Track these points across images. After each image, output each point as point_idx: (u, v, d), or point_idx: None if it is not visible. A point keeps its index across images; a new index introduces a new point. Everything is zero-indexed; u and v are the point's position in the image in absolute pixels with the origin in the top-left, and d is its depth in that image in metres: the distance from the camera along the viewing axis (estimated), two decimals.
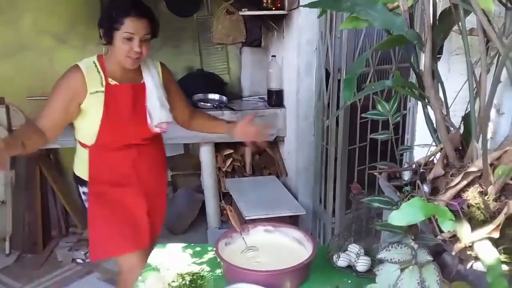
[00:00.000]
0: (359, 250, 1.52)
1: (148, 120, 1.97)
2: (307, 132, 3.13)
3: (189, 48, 3.82)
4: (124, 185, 2.02)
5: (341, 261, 1.50)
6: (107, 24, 1.83)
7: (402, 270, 0.95)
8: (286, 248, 1.58)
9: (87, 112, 1.90)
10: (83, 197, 2.08)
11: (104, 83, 1.90)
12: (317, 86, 2.98)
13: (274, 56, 3.32)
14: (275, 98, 3.35)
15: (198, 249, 1.66)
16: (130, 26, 1.80)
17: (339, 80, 2.74)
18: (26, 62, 3.62)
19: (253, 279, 1.36)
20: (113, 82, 1.91)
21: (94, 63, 1.92)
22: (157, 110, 1.98)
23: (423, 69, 1.05)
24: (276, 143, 3.58)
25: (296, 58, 3.00)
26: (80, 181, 2.06)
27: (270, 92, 3.36)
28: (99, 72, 1.91)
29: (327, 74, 2.83)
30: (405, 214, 0.80)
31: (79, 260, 3.35)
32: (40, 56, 3.63)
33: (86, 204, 2.06)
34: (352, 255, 1.51)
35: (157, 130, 2.02)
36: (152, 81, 1.99)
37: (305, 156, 3.18)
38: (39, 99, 3.60)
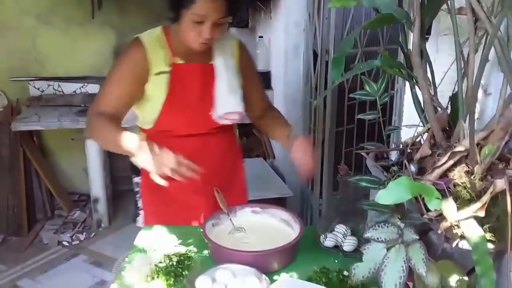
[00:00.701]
0: (346, 230, 1.52)
1: (212, 110, 1.68)
2: (294, 115, 3.12)
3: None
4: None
5: (328, 241, 1.50)
6: None
7: (388, 249, 0.96)
8: (274, 229, 1.58)
9: (149, 96, 1.64)
10: (135, 188, 1.90)
11: (169, 61, 1.63)
12: (305, 68, 2.97)
13: (262, 37, 3.29)
14: (262, 80, 3.31)
15: (185, 230, 1.65)
16: (203, 7, 1.47)
17: (327, 62, 2.73)
18: (8, 42, 3.55)
19: (240, 260, 1.36)
20: (180, 61, 1.64)
21: (159, 36, 1.64)
22: (224, 98, 1.67)
23: (411, 48, 1.04)
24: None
25: (283, 39, 2.98)
26: (135, 170, 1.84)
27: None
28: (163, 48, 1.63)
29: (315, 55, 2.82)
30: (392, 193, 0.80)
31: (65, 243, 3.34)
32: (22, 37, 3.56)
33: (137, 196, 1.86)
34: (339, 236, 1.51)
35: (224, 121, 1.70)
36: (223, 62, 1.69)
37: None
38: (22, 79, 3.56)
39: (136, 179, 1.81)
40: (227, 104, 1.67)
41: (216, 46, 1.67)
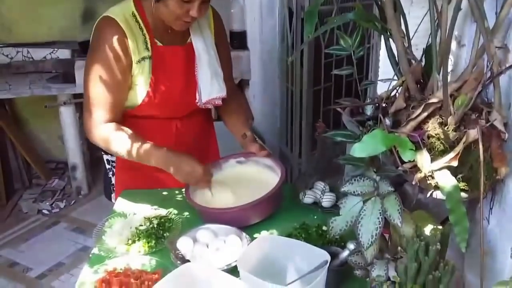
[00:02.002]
0: (324, 187, 1.54)
1: (196, 96, 1.60)
2: (271, 74, 3.09)
3: None
4: None
5: (307, 198, 1.53)
6: None
7: (364, 201, 0.97)
8: (259, 176, 1.58)
9: (131, 83, 1.52)
10: (107, 165, 1.78)
11: (149, 44, 1.50)
12: (281, 26, 2.92)
13: None
14: (238, 40, 3.26)
15: (165, 193, 1.65)
16: None
17: (302, 20, 2.69)
18: None
19: (225, 217, 1.40)
20: (159, 43, 1.52)
21: (134, 14, 1.48)
22: (208, 83, 1.59)
23: (385, 0, 1.03)
24: (241, 86, 3.54)
25: None
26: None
27: (232, 34, 3.27)
28: (141, 30, 1.49)
29: (291, 13, 2.77)
30: (366, 146, 0.80)
31: (44, 211, 3.33)
32: None
33: (110, 173, 1.78)
34: (318, 192, 1.53)
35: (208, 106, 1.65)
36: (202, 41, 1.58)
37: (271, 99, 3.16)
38: None
39: (107, 157, 1.76)
40: (212, 90, 1.60)
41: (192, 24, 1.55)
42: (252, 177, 1.59)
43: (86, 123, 1.53)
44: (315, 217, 1.49)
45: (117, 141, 1.49)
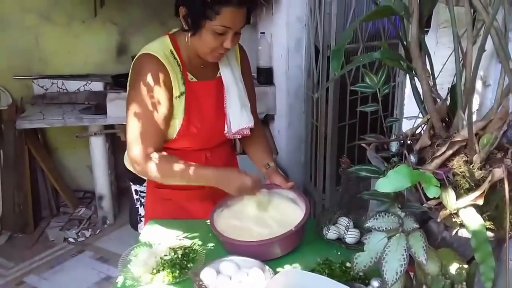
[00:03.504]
0: (348, 222, 1.54)
1: (226, 128, 1.65)
2: (297, 110, 3.13)
3: (176, 26, 3.78)
4: (190, 188, 1.69)
5: (331, 233, 1.52)
6: (197, 8, 1.42)
7: (389, 238, 0.97)
8: (283, 210, 1.58)
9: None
10: (135, 196, 1.84)
11: (184, 80, 1.55)
12: (307, 63, 2.98)
13: (263, 33, 3.30)
14: (265, 76, 3.34)
15: (189, 224, 1.67)
16: (228, 18, 1.41)
17: (328, 57, 2.74)
18: (10, 40, 3.56)
19: (249, 249, 1.40)
20: (192, 79, 1.57)
21: (171, 51, 1.54)
22: (237, 114, 1.64)
23: (410, 40, 1.06)
24: (266, 121, 3.59)
25: (285, 35, 2.99)
26: (135, 179, 1.78)
27: (259, 70, 3.35)
28: (179, 66, 1.54)
29: (317, 51, 2.83)
30: (391, 181, 0.81)
31: (70, 239, 3.38)
32: (24, 35, 3.57)
33: (137, 204, 1.84)
34: (342, 228, 1.53)
35: (237, 136, 1.70)
36: (231, 75, 1.63)
37: (296, 134, 3.19)
38: (25, 78, 3.59)
39: (135, 187, 1.79)
40: (241, 120, 1.65)
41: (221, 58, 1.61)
42: (276, 209, 1.60)
43: (134, 156, 1.53)
44: (339, 253, 1.48)
45: (166, 166, 1.53)
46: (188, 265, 1.41)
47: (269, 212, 1.56)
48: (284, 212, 1.55)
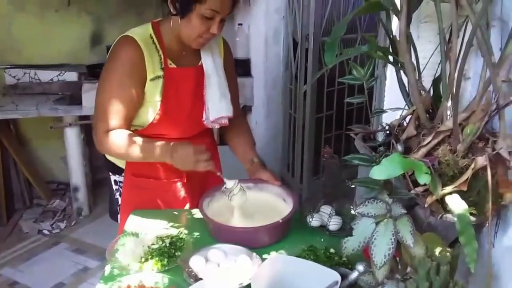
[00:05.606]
0: (331, 210, 1.59)
1: (204, 115, 1.67)
2: (274, 101, 3.17)
3: (152, 16, 3.75)
4: (167, 178, 1.71)
5: (315, 221, 1.56)
6: None
7: (377, 223, 1.02)
8: (269, 202, 1.63)
9: (143, 101, 1.58)
10: (114, 186, 1.82)
11: (163, 65, 1.57)
12: (285, 55, 3.01)
13: (241, 24, 3.31)
14: (243, 67, 3.35)
15: (174, 213, 1.69)
16: (217, 2, 1.45)
17: (306, 49, 2.78)
18: None
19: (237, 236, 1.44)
20: (172, 65, 1.59)
21: (151, 36, 1.57)
22: (216, 102, 1.65)
23: (397, 35, 1.10)
24: (244, 112, 3.61)
25: (263, 26, 3.01)
26: (114, 169, 1.79)
27: (237, 61, 3.32)
28: (158, 51, 1.56)
29: (295, 42, 2.86)
30: (385, 169, 0.85)
31: (45, 231, 3.32)
32: None
33: (117, 194, 1.82)
34: (325, 216, 1.57)
35: (214, 125, 1.71)
36: (212, 64, 1.66)
37: (273, 125, 3.23)
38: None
39: (115, 177, 1.80)
40: (220, 109, 1.67)
41: (203, 47, 1.63)
42: (262, 203, 1.64)
43: (97, 132, 1.57)
44: (322, 239, 1.52)
45: (123, 140, 1.54)
46: (176, 254, 1.43)
47: (257, 208, 1.60)
48: (272, 205, 1.61)
